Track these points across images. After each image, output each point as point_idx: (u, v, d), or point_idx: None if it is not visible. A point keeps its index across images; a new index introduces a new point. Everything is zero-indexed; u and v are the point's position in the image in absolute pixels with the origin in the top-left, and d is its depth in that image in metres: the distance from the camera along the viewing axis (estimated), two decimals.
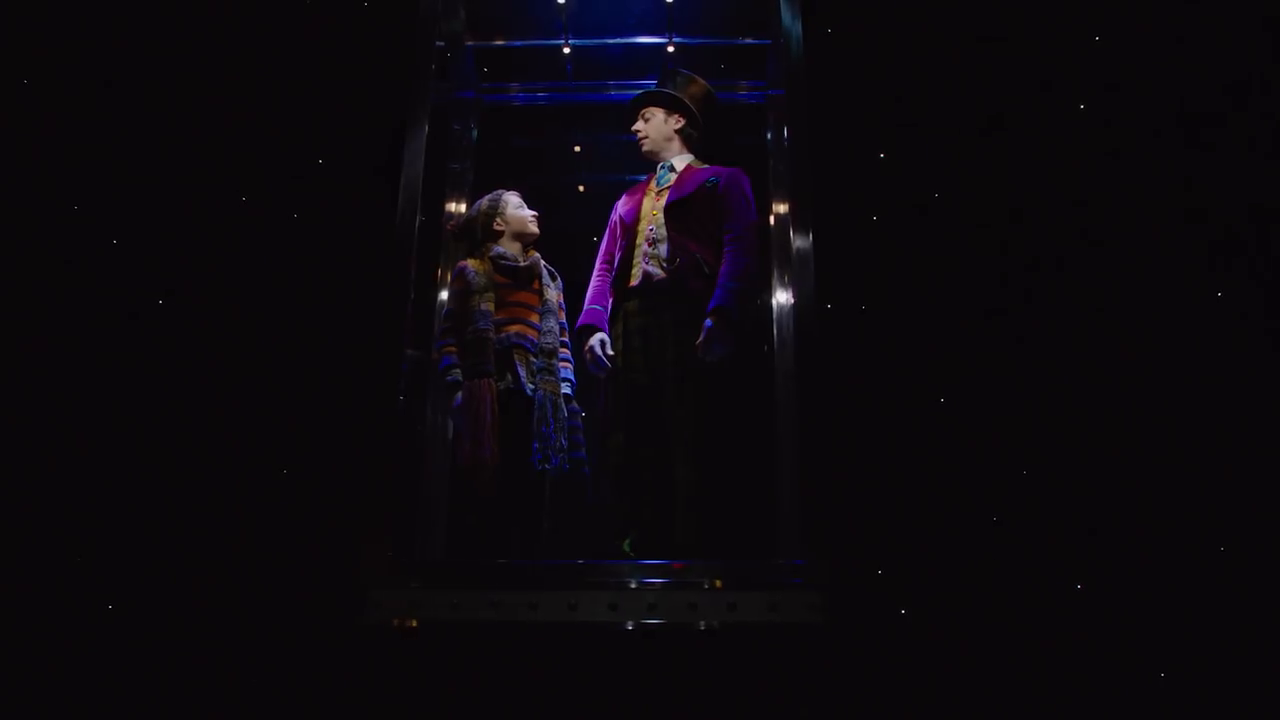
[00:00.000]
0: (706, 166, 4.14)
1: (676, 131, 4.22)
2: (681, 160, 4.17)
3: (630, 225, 4.07)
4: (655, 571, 3.30)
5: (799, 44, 3.95)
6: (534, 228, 4.03)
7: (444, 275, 4.27)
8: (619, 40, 4.76)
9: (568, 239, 4.57)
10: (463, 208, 4.58)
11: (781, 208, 4.09)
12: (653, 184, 4.15)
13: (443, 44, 4.49)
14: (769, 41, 4.56)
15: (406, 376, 3.60)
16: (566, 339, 4.02)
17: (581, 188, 4.97)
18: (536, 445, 3.66)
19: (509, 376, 3.74)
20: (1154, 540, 3.41)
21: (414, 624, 3.15)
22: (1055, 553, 3.40)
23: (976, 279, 3.72)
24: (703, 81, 4.26)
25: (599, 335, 3.99)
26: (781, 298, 4.02)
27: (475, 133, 4.94)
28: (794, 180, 3.73)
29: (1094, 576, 3.38)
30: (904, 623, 3.29)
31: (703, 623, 3.18)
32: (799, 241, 3.62)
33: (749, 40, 4.72)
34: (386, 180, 3.81)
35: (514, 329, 3.83)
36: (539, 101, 5.06)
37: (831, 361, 3.52)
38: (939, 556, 3.38)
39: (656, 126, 4.21)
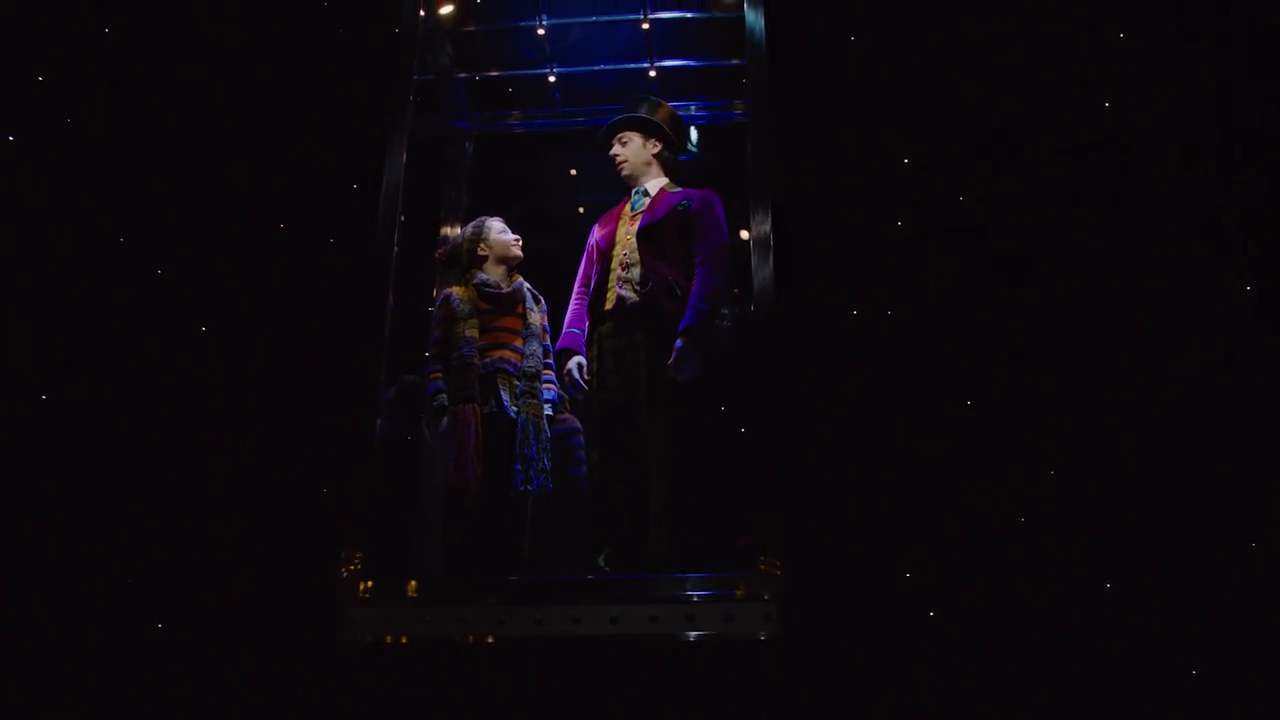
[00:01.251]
0: (679, 190, 4.29)
1: (654, 156, 4.36)
2: (656, 184, 4.33)
3: (605, 250, 4.23)
4: (618, 586, 3.47)
5: (763, 61, 4.09)
6: (517, 251, 4.22)
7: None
8: (602, 68, 4.93)
9: (565, 261, 4.72)
10: (458, 231, 4.78)
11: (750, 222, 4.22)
12: (627, 209, 4.31)
13: (431, 77, 4.72)
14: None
15: (388, 401, 3.84)
16: (551, 360, 4.19)
17: (581, 209, 5.13)
18: (519, 466, 3.84)
19: (492, 401, 3.92)
20: (1132, 541, 3.51)
21: (387, 640, 3.34)
22: (1018, 562, 3.50)
23: (941, 294, 3.84)
24: (669, 106, 4.41)
25: (576, 359, 4.16)
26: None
27: (469, 160, 5.13)
28: (757, 194, 3.87)
29: (1058, 585, 3.48)
30: (859, 633, 3.42)
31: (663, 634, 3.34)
32: (758, 258, 3.77)
33: (729, 62, 4.85)
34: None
35: (497, 354, 4.01)
36: (531, 128, 5.24)
37: (782, 368, 3.66)
38: (896, 566, 3.50)
39: (635, 151, 4.37)
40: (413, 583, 3.54)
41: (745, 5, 4.18)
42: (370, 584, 3.52)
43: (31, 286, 4.12)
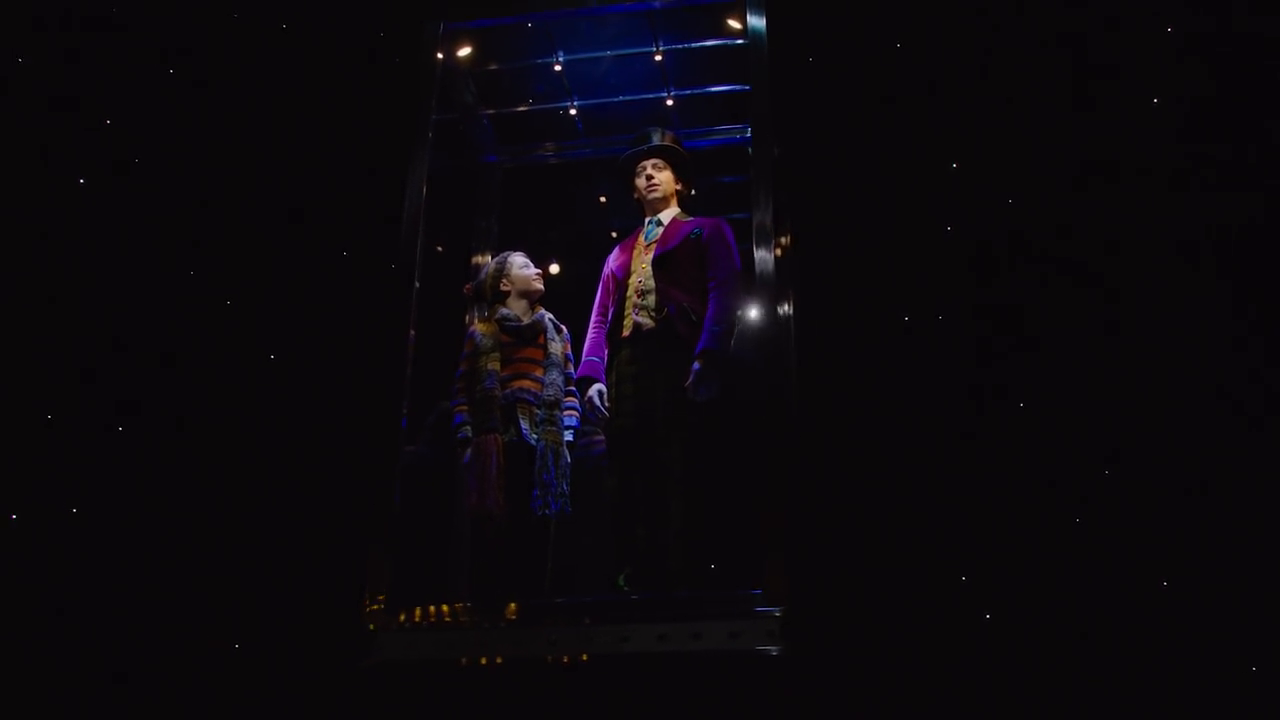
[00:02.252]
0: (691, 219, 4.43)
1: (677, 188, 4.52)
2: (669, 214, 4.48)
3: (621, 279, 4.40)
4: (629, 606, 3.63)
5: (765, 84, 4.24)
6: (538, 285, 4.40)
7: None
8: (622, 99, 5.10)
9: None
10: (489, 259, 4.99)
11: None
12: (641, 238, 4.46)
13: (457, 115, 4.94)
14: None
15: (429, 426, 4.06)
16: (573, 387, 4.37)
17: (615, 234, 5.28)
18: (537, 492, 4.03)
19: (512, 429, 4.11)
20: (1154, 549, 3.59)
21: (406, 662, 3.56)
22: (1014, 584, 3.60)
23: (947, 320, 3.96)
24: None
25: (596, 386, 4.33)
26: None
27: (498, 192, 5.35)
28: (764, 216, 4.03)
29: (1066, 597, 3.57)
30: (861, 647, 3.54)
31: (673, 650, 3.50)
32: (768, 268, 3.93)
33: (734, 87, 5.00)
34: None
35: (518, 384, 4.20)
36: (557, 159, 5.43)
37: (791, 386, 3.81)
38: (900, 584, 3.62)
39: (667, 179, 4.53)
40: (433, 606, 3.72)
41: (749, 25, 4.33)
42: (389, 606, 3.72)
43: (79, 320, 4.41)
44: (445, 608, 3.80)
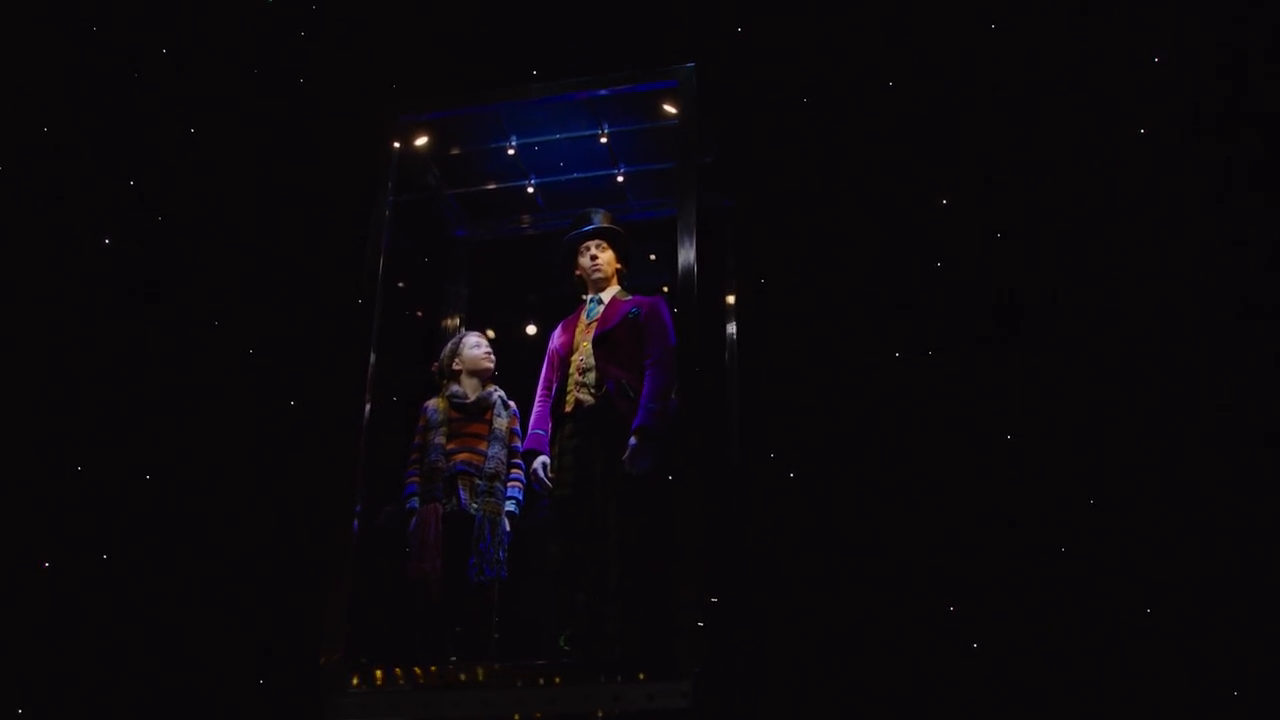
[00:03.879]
0: (629, 298, 4.73)
1: (618, 267, 4.83)
2: (610, 293, 4.78)
3: (564, 356, 4.70)
4: (556, 670, 3.93)
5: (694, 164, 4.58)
6: (487, 364, 4.73)
7: None
8: (576, 175, 5.42)
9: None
10: (458, 322, 5.43)
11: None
12: (583, 316, 4.76)
13: (424, 195, 5.29)
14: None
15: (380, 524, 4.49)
16: (518, 460, 4.67)
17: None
18: (473, 560, 4.34)
19: (453, 500, 4.42)
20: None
21: None
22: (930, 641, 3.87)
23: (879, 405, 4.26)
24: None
25: (541, 458, 4.63)
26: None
27: (467, 262, 5.69)
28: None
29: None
30: (768, 708, 3.82)
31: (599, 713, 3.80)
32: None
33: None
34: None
35: (462, 457, 4.53)
36: (521, 232, 5.76)
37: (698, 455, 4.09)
38: (810, 648, 3.90)
39: (609, 259, 4.83)
40: (379, 670, 4.03)
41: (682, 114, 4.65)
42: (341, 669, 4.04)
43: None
44: (397, 670, 4.11)
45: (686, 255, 4.33)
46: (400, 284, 5.22)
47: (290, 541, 4.42)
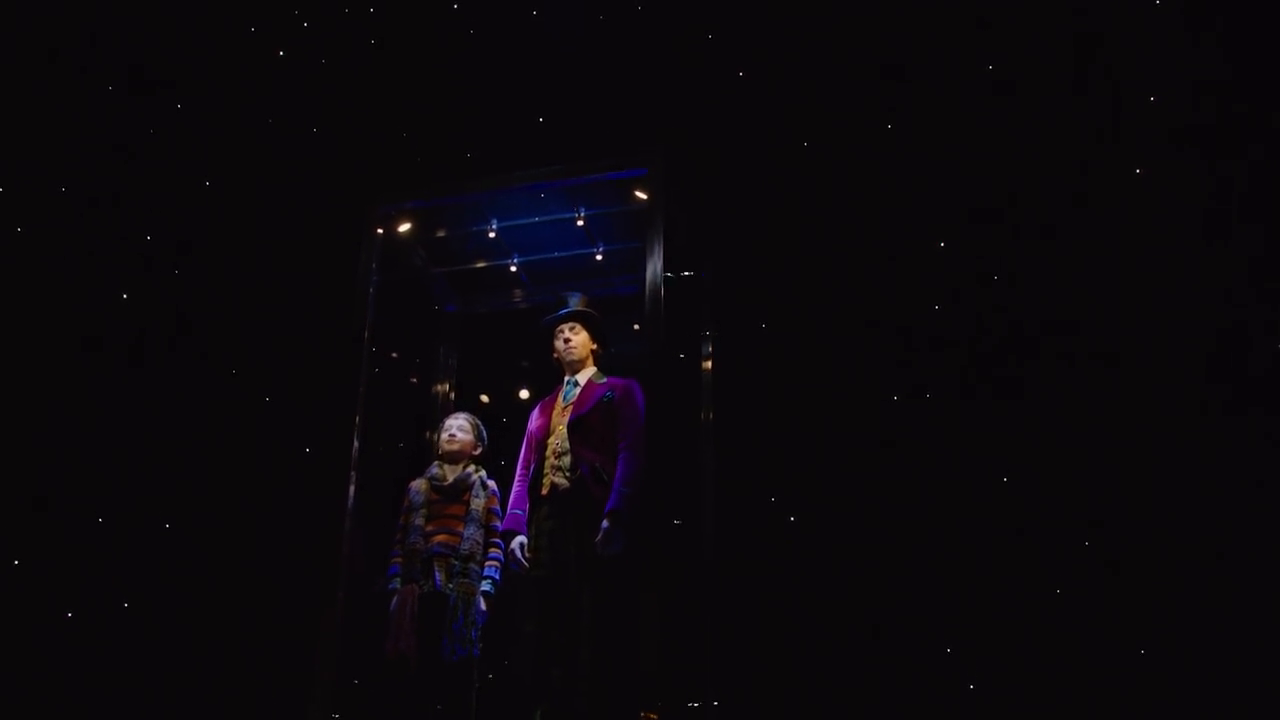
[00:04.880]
0: (604, 380, 4.87)
1: (593, 349, 4.98)
2: (586, 375, 4.92)
3: (541, 439, 4.85)
4: None
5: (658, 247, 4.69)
6: (449, 446, 4.94)
7: None
8: (556, 255, 5.59)
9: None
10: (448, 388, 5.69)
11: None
12: (560, 399, 4.91)
13: (412, 275, 5.49)
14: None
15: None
16: (497, 539, 4.83)
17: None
18: (446, 640, 4.50)
19: (429, 581, 4.59)
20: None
21: None
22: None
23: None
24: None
25: (518, 539, 4.77)
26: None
27: (457, 335, 5.90)
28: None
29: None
30: None
31: None
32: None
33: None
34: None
35: (440, 539, 4.71)
36: (507, 307, 5.95)
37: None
38: None
39: (583, 341, 4.99)
40: None
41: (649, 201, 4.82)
42: None
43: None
44: None
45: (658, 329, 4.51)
46: (394, 355, 5.44)
47: (276, 623, 4.60)
